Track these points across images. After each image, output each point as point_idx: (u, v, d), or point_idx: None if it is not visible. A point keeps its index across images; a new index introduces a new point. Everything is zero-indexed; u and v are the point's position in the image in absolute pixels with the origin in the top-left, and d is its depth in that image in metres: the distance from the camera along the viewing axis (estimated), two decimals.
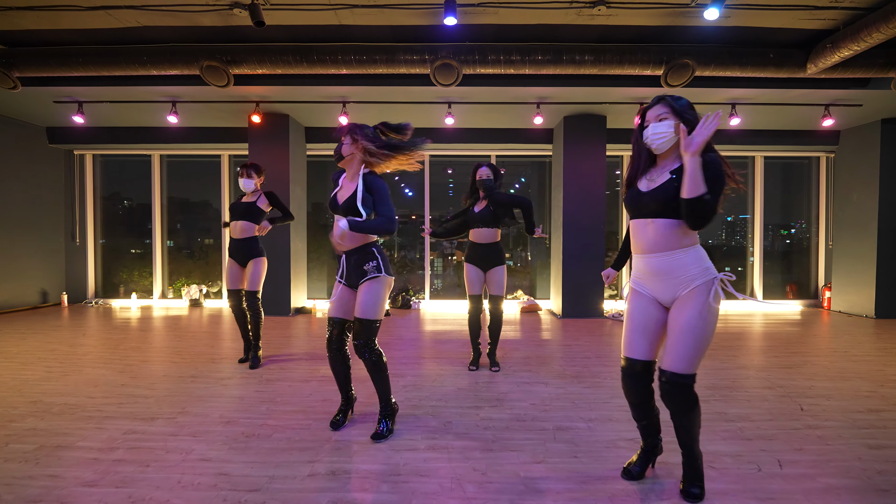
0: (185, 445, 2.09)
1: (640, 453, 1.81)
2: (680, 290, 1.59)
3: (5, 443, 2.11)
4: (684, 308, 1.56)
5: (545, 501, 1.66)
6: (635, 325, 1.67)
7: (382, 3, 3.52)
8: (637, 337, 1.66)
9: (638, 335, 1.66)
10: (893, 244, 5.57)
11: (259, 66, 4.12)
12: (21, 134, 5.91)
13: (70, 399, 2.68)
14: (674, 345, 1.55)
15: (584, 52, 4.00)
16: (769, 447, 2.09)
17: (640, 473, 1.78)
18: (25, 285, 5.99)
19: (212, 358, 3.63)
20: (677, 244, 1.58)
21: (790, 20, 3.75)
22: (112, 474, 1.83)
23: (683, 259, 1.57)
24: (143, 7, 3.59)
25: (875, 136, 5.60)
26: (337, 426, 2.25)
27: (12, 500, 1.65)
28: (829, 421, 2.40)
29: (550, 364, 3.50)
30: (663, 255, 1.59)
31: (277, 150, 5.58)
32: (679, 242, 1.58)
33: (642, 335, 1.65)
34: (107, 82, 4.61)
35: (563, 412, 2.51)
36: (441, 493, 1.71)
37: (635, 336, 1.67)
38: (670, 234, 1.57)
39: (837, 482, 1.79)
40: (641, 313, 1.66)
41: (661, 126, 1.61)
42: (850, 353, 3.85)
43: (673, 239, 1.58)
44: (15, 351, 3.82)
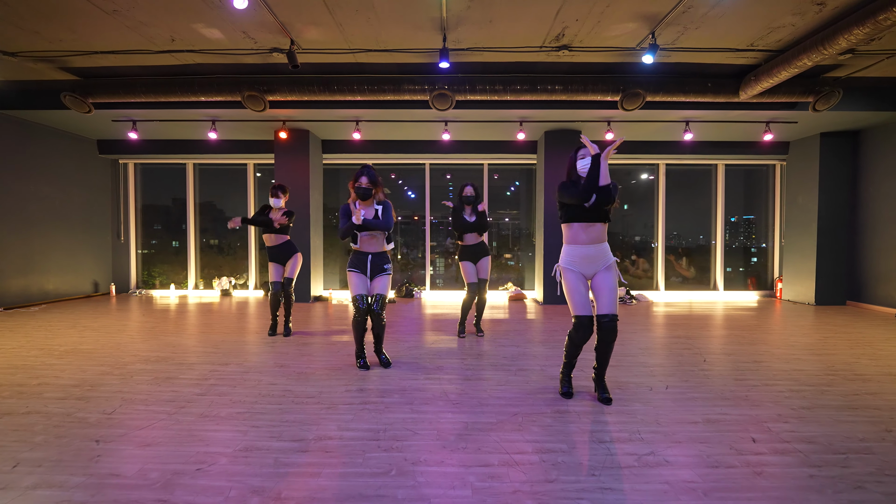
0: (255, 377, 3.00)
1: (569, 378, 2.70)
2: (601, 266, 2.53)
3: (131, 374, 3.03)
4: (608, 277, 2.51)
5: (500, 402, 2.56)
6: (581, 293, 2.51)
7: (392, 49, 4.43)
8: (584, 300, 2.50)
9: (584, 299, 2.51)
10: (830, 241, 6.43)
11: (289, 94, 5.03)
12: (76, 146, 6.85)
13: (161, 353, 3.60)
14: (608, 298, 2.48)
15: (554, 83, 4.89)
16: (665, 380, 2.98)
17: (571, 393, 2.67)
18: (80, 277, 6.94)
19: (254, 331, 4.55)
20: (604, 238, 2.58)
21: (720, 58, 4.63)
22: (212, 391, 2.75)
23: (606, 247, 2.56)
24: (202, 51, 4.51)
25: (815, 147, 6.47)
26: (366, 367, 3.19)
27: (153, 402, 2.57)
28: (718, 367, 3.28)
29: (525, 335, 4.40)
30: (599, 245, 2.53)
31: (299, 160, 6.51)
32: (605, 237, 2.58)
33: (586, 299, 2.51)
34: (160, 106, 5.53)
35: (523, 361, 3.41)
36: (433, 398, 2.62)
37: (583, 300, 2.50)
38: (601, 231, 2.55)
39: (700, 395, 2.68)
40: (582, 284, 2.53)
41: (585, 161, 2.57)
42: (767, 327, 4.73)
43: (603, 235, 2.56)
44: (96, 325, 4.76)
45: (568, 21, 3.93)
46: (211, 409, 2.45)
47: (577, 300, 2.50)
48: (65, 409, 2.43)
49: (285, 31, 4.06)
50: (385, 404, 2.52)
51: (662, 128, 6.25)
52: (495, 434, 2.13)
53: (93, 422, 2.28)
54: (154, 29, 4.08)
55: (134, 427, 2.21)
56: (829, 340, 4.15)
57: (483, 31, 4.10)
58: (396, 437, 2.10)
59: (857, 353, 3.66)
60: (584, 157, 2.54)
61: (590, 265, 2.51)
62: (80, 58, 4.66)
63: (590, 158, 2.47)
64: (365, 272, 3.15)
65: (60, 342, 3.98)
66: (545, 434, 2.13)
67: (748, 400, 2.60)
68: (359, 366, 3.20)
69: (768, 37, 4.16)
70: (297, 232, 6.50)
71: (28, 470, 1.80)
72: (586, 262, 2.51)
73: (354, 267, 3.16)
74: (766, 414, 2.39)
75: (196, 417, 2.33)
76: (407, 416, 2.36)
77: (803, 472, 1.80)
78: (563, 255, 2.57)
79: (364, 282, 3.14)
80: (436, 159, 7.36)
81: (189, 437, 2.10)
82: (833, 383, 2.90)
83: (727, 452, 1.95)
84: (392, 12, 3.78)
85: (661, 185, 7.48)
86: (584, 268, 2.52)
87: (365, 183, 3.08)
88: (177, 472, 1.79)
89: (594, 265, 2.51)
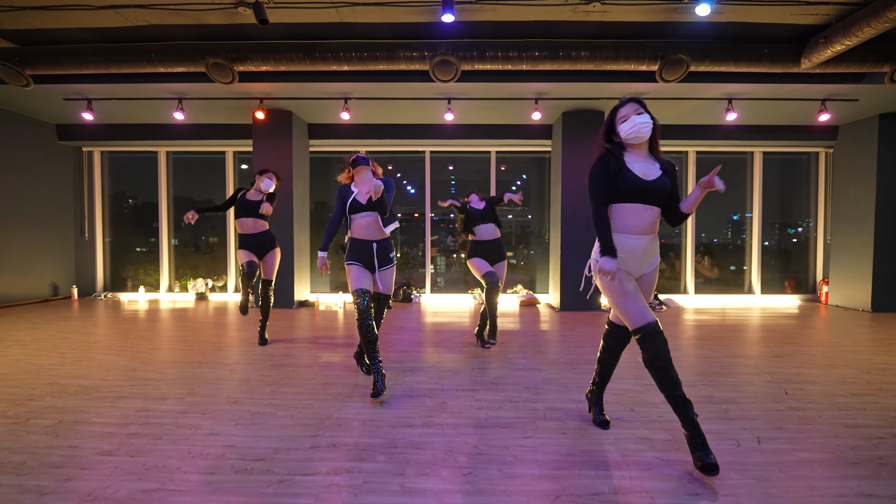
0: (194, 422, 2.21)
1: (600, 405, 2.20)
2: (649, 264, 1.93)
3: (26, 419, 2.24)
4: (653, 277, 1.96)
5: (532, 469, 1.76)
6: (638, 296, 1.84)
7: (383, 1, 3.62)
8: (645, 305, 1.84)
9: (644, 304, 1.84)
10: (890, 239, 5.61)
11: (263, 63, 4.23)
12: (32, 131, 6.06)
13: (84, 381, 2.81)
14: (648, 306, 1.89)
15: (580, 48, 4.08)
16: (750, 426, 2.18)
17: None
18: (37, 279, 6.16)
19: (218, 346, 3.76)
20: (657, 229, 1.95)
21: (783, 15, 3.81)
22: (127, 445, 1.96)
23: (656, 241, 1.95)
24: (151, 6, 3.70)
25: (873, 131, 5.64)
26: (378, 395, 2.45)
27: (36, 467, 1.78)
28: (811, 403, 2.49)
29: (546, 353, 3.60)
30: (651, 236, 1.90)
31: (281, 146, 5.70)
32: (658, 228, 1.94)
33: (644, 303, 1.85)
34: (115, 80, 4.74)
35: (551, 393, 2.61)
36: (434, 463, 1.82)
37: (644, 305, 1.83)
38: (658, 220, 1.93)
39: (811, 456, 1.89)
40: (635, 287, 1.87)
41: (645, 116, 1.86)
42: (842, 344, 3.93)
43: (657, 224, 1.93)
44: (29, 339, 3.97)
45: None
46: (108, 484, 1.66)
47: (640, 306, 1.81)
48: None
49: None
50: (364, 475, 1.73)
51: (698, 107, 5.43)
52: None
53: None
54: None
55: None
56: None
57: None
58: None
59: None
60: (626, 117, 1.87)
61: (639, 262, 1.90)
62: (8, 16, 3.86)
63: (636, 121, 1.84)
64: (371, 263, 2.67)
65: None
66: None
67: (886, 466, 1.80)
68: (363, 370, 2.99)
69: None
70: (278, 228, 5.70)
71: None
72: (635, 257, 1.88)
73: (356, 259, 2.65)
74: None
75: (78, 503, 1.54)
76: (395, 500, 1.57)
77: None
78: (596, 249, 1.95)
79: (365, 276, 2.63)
80: (437, 146, 6.54)
81: None
82: None
83: None
84: None
85: (691, 175, 6.65)
86: (632, 265, 1.89)
87: (362, 154, 2.72)
88: None
89: (643, 262, 1.90)
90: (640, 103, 1.89)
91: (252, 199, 3.62)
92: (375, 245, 2.68)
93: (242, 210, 3.61)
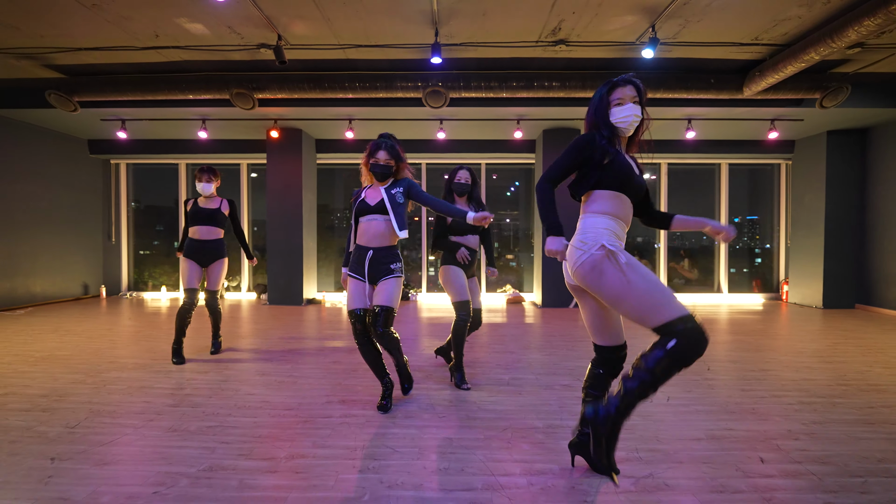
0: (234, 387, 2.85)
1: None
2: None
3: (102, 384, 2.88)
4: None
5: (496, 422, 2.40)
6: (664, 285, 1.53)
7: (383, 44, 4.28)
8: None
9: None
10: (838, 243, 6.24)
11: (279, 92, 4.89)
12: (66, 146, 6.73)
13: (138, 360, 3.45)
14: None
15: (552, 79, 4.74)
16: (666, 390, 2.81)
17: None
18: (70, 279, 6.81)
19: (238, 336, 4.40)
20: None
21: (723, 53, 4.46)
22: (187, 401, 2.60)
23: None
24: (187, 47, 4.37)
25: (822, 145, 6.28)
26: (385, 409, 2.39)
27: (124, 413, 2.42)
28: (723, 376, 3.11)
29: (522, 340, 4.23)
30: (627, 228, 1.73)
31: (292, 160, 6.37)
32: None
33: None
34: (148, 104, 5.41)
35: (519, 370, 3.24)
36: (419, 412, 2.46)
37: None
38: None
39: (702, 408, 2.51)
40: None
41: (637, 108, 1.66)
42: (770, 333, 4.55)
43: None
44: (80, 329, 4.62)
45: (564, 14, 3.77)
46: (181, 422, 2.30)
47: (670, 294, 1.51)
48: (25, 423, 2.29)
49: (271, 26, 3.92)
50: (367, 417, 2.36)
51: (664, 125, 6.08)
52: (481, 452, 1.97)
53: (52, 437, 2.13)
54: (136, 24, 3.95)
55: (95, 443, 2.06)
56: (838, 347, 3.97)
57: (476, 24, 3.95)
58: (374, 456, 1.94)
59: (870, 361, 3.48)
60: (622, 101, 1.67)
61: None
62: (64, 55, 4.54)
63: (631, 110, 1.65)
64: (363, 275, 2.35)
65: (38, 348, 3.83)
66: (535, 453, 1.97)
67: (755, 413, 2.43)
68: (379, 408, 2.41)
69: (773, 30, 3.99)
70: (290, 233, 6.36)
71: None
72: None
73: (352, 270, 2.39)
74: (774, 430, 2.22)
75: (163, 432, 2.18)
76: (388, 431, 2.20)
77: (818, 498, 1.63)
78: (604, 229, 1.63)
79: (358, 292, 2.35)
80: (432, 159, 7.20)
81: (152, 455, 1.94)
82: (845, 394, 2.73)
83: (733, 475, 1.79)
84: (380, 4, 3.63)
85: (664, 184, 7.30)
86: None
87: (383, 159, 2.35)
88: (131, 495, 1.64)
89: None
90: (639, 91, 1.68)
91: (206, 208, 3.42)
92: (371, 252, 2.33)
93: (195, 219, 3.41)
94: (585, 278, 1.61)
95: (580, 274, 1.62)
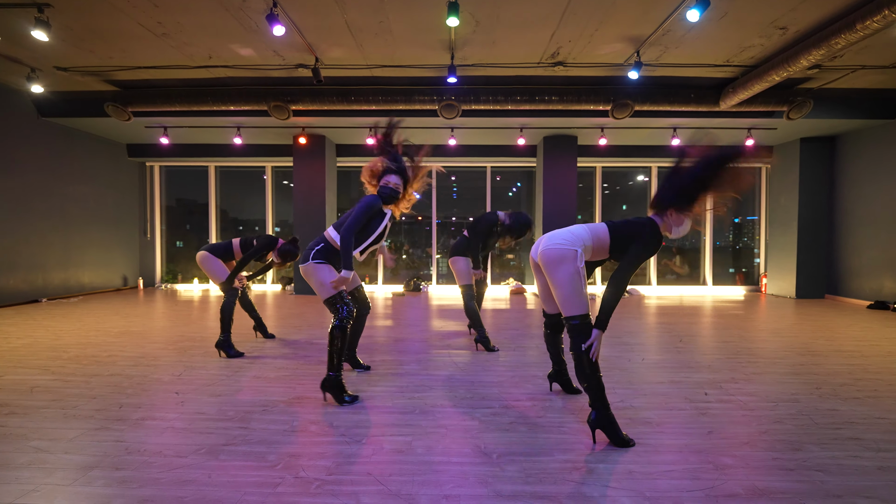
0: (293, 350, 3.51)
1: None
2: None
3: (185, 349, 3.55)
4: None
5: (491, 378, 3.06)
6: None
7: (405, 65, 4.94)
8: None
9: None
10: (809, 239, 6.90)
11: (311, 104, 5.55)
12: (107, 150, 7.38)
13: (203, 335, 4.11)
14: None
15: (551, 94, 5.39)
16: (642, 354, 3.47)
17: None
18: (111, 271, 7.47)
19: (274, 318, 5.06)
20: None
21: (700, 72, 5.12)
22: (257, 362, 3.26)
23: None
24: (234, 66, 5.03)
25: (796, 151, 6.94)
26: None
27: (211, 367, 3.08)
28: (692, 346, 3.77)
29: (524, 321, 4.89)
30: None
31: (316, 164, 7.02)
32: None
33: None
34: (190, 114, 6.06)
35: (521, 340, 3.91)
36: (444, 365, 3.12)
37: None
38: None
39: (669, 365, 3.17)
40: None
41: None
42: (746, 317, 5.21)
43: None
44: (137, 312, 5.28)
45: (562, 42, 4.43)
46: (262, 371, 2.96)
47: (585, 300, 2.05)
48: (140, 373, 2.94)
49: (312, 51, 4.58)
50: (404, 370, 3.02)
51: (652, 133, 6.74)
52: (496, 388, 2.63)
53: (167, 380, 2.79)
54: (194, 48, 4.60)
55: (201, 383, 2.72)
56: (796, 326, 4.62)
57: (486, 50, 4.61)
58: (416, 390, 2.59)
59: (817, 336, 4.14)
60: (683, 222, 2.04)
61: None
62: (124, 72, 5.19)
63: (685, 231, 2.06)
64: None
65: (112, 325, 4.50)
66: (537, 391, 2.63)
67: (709, 368, 3.09)
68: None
69: (741, 54, 4.65)
70: (313, 232, 7.01)
71: (132, 410, 2.31)
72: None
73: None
74: (721, 378, 2.88)
75: (251, 378, 2.84)
76: (424, 377, 2.86)
77: (739, 413, 2.29)
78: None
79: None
80: (442, 162, 7.82)
81: (251, 391, 2.60)
82: (786, 357, 3.39)
83: (681, 401, 2.44)
84: (407, 34, 4.29)
85: (654, 186, 7.95)
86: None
87: (394, 183, 2.54)
88: (248, 411, 2.30)
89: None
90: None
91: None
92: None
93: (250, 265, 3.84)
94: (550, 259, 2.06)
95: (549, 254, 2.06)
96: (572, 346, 2.02)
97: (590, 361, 1.96)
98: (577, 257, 2.02)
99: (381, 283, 8.13)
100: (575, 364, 2.02)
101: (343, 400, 2.38)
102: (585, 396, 2.50)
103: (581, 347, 1.97)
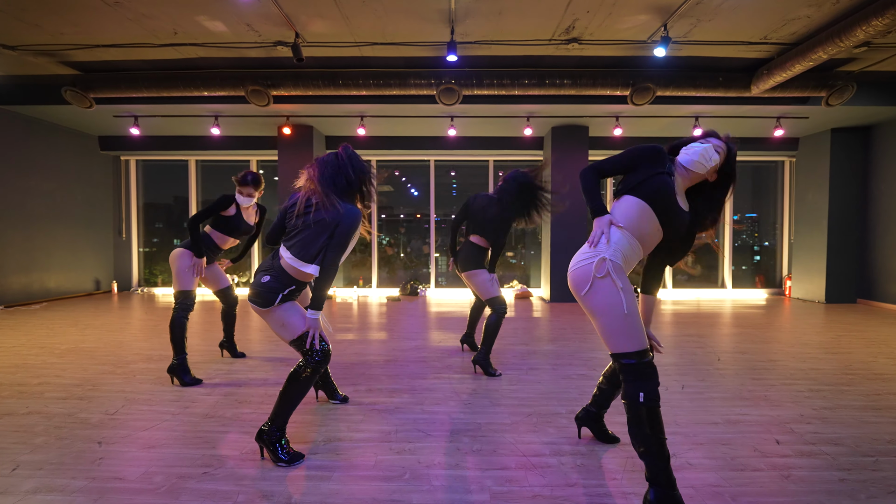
0: (262, 376, 2.94)
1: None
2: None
3: (134, 374, 2.97)
4: None
5: (519, 408, 2.49)
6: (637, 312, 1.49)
7: (398, 42, 4.35)
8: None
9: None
10: (840, 239, 6.34)
11: (294, 89, 4.95)
12: (77, 142, 6.77)
13: (164, 352, 3.54)
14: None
15: (563, 77, 4.80)
16: (680, 379, 2.90)
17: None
18: (82, 274, 6.88)
19: (259, 328, 4.49)
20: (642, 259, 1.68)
21: (732, 51, 4.54)
22: (216, 391, 2.68)
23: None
24: (204, 44, 4.43)
25: (826, 143, 6.37)
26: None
27: (156, 402, 2.50)
28: (734, 366, 3.21)
29: (532, 332, 4.32)
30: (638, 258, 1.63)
31: (303, 156, 6.42)
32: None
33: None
34: (162, 101, 5.45)
35: (534, 360, 3.34)
36: (444, 399, 2.55)
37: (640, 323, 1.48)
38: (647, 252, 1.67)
39: (717, 394, 2.61)
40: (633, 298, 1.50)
41: (711, 157, 1.65)
42: (778, 325, 4.65)
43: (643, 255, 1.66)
44: (98, 323, 4.70)
45: (578, 13, 3.84)
46: (216, 409, 2.38)
47: (639, 324, 1.52)
48: (66, 410, 2.37)
49: (290, 24, 3.98)
50: (394, 405, 2.45)
51: (671, 123, 6.16)
52: (510, 435, 2.07)
53: (95, 422, 2.21)
54: (156, 22, 4.00)
55: (137, 428, 2.15)
56: (842, 339, 4.07)
57: (491, 23, 4.02)
58: (408, 440, 2.03)
59: (874, 352, 3.58)
60: (695, 147, 1.68)
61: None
62: (82, 52, 4.59)
63: (701, 154, 1.65)
64: None
65: (61, 340, 3.92)
66: (561, 436, 2.06)
67: (767, 400, 2.53)
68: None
69: (782, 29, 4.07)
70: None
71: (28, 473, 1.74)
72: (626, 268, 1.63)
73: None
74: (787, 415, 2.32)
75: (201, 418, 2.27)
76: (418, 416, 2.29)
77: (833, 475, 1.73)
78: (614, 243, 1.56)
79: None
80: (441, 156, 7.27)
81: (195, 439, 2.03)
82: (852, 383, 2.83)
83: (751, 454, 1.88)
84: (399, 3, 3.70)
85: None
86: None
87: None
88: (182, 475, 1.73)
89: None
90: (729, 151, 1.70)
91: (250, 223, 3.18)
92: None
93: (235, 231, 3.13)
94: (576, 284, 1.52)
95: (572, 278, 1.54)
96: (625, 394, 1.46)
97: (652, 416, 1.40)
98: (605, 268, 1.46)
99: (376, 287, 7.55)
100: (629, 419, 1.45)
101: (279, 458, 1.79)
102: (624, 444, 1.93)
103: (640, 397, 1.41)
